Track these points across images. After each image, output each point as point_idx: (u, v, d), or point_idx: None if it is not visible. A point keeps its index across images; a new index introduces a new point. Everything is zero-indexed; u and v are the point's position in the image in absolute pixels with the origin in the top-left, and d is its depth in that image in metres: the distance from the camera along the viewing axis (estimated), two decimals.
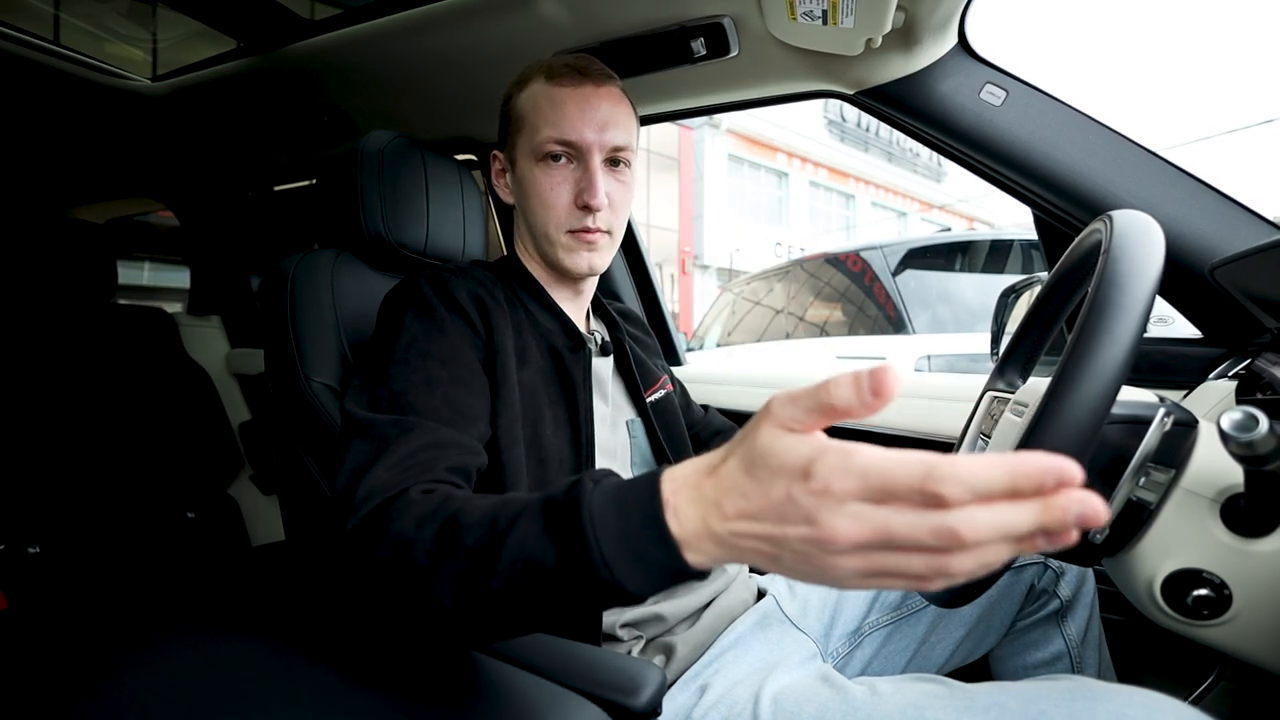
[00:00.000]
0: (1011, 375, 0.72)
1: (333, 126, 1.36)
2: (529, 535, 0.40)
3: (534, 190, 0.73)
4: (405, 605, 0.45)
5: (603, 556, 0.36)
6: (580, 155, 0.71)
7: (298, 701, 0.49)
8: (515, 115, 0.75)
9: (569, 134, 0.70)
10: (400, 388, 0.59)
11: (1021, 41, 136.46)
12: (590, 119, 0.70)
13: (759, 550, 0.33)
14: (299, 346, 0.74)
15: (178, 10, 1.15)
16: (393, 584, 0.45)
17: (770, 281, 3.93)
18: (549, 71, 0.72)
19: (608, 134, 0.71)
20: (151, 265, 4.77)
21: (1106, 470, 0.49)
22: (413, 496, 0.49)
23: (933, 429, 1.12)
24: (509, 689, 0.49)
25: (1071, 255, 0.60)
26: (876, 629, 0.78)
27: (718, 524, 0.34)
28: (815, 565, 0.31)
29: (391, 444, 0.54)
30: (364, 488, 0.51)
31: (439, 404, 0.59)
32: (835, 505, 0.29)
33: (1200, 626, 0.48)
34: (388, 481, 0.51)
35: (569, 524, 0.38)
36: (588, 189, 0.70)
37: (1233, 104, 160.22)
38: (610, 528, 0.37)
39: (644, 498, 0.37)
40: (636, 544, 0.36)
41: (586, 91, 0.71)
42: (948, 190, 20.84)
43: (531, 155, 0.72)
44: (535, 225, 0.75)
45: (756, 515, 0.33)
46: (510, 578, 0.40)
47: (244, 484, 1.83)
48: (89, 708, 0.49)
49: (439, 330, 0.64)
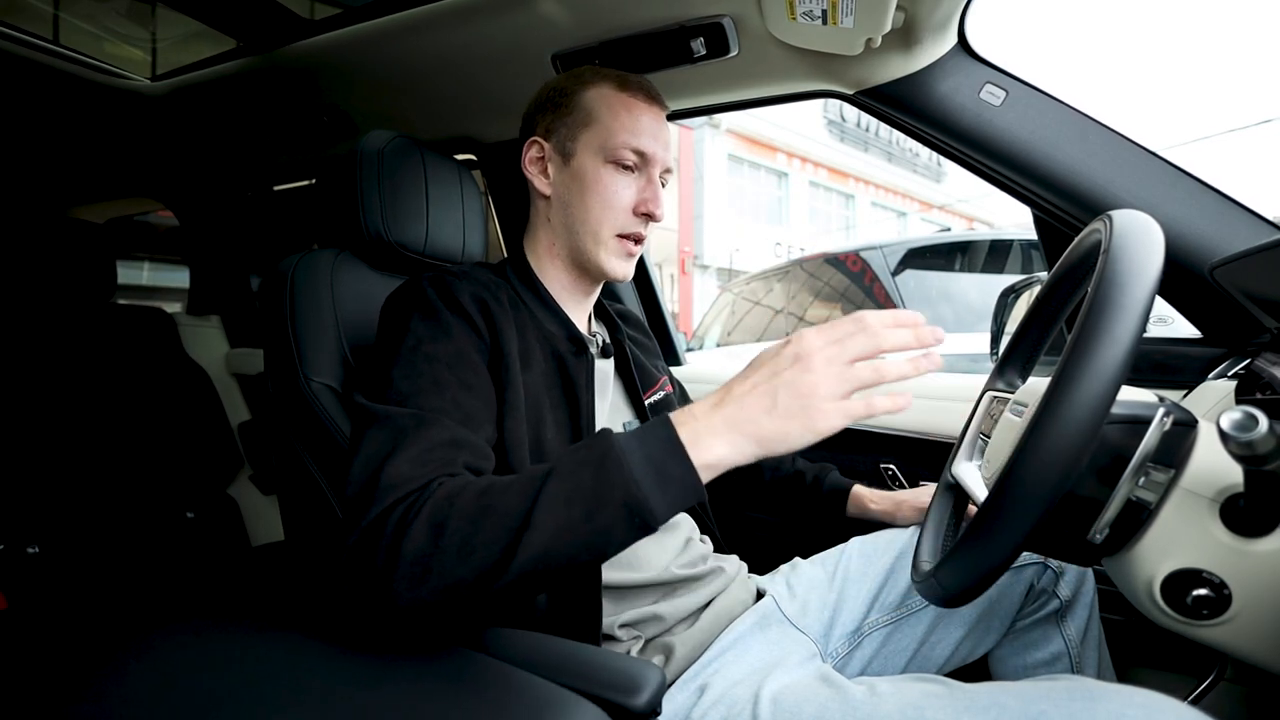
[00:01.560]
0: (1011, 375, 0.72)
1: (332, 126, 1.36)
2: (564, 472, 0.49)
3: (597, 188, 0.74)
4: (439, 581, 0.47)
5: (633, 475, 0.47)
6: (647, 166, 0.75)
7: (298, 701, 0.49)
8: (581, 109, 0.75)
9: (646, 146, 0.74)
10: (408, 390, 0.59)
11: (1022, 41, 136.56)
12: (660, 137, 0.76)
13: (758, 404, 0.48)
14: (298, 346, 0.74)
15: (177, 10, 1.15)
16: (426, 565, 0.47)
17: (770, 281, 3.93)
18: (621, 81, 0.76)
19: (668, 154, 0.77)
20: (151, 265, 4.76)
21: (1106, 470, 0.48)
22: (436, 487, 0.51)
23: (933, 429, 1.12)
24: (509, 689, 0.49)
25: (1071, 255, 0.60)
26: (876, 629, 0.78)
27: (725, 405, 0.49)
28: (803, 393, 0.47)
29: (410, 435, 0.55)
30: (386, 478, 0.52)
31: (447, 406, 0.59)
32: (809, 340, 0.49)
33: (1200, 626, 0.48)
34: (410, 474, 0.52)
35: (603, 455, 0.48)
36: (652, 199, 0.75)
37: (1232, 104, 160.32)
38: (636, 452, 0.48)
39: (661, 429, 0.49)
40: (659, 464, 0.48)
41: (657, 111, 0.77)
42: (947, 190, 20.83)
43: (601, 154, 0.74)
44: (587, 221, 0.75)
45: (754, 379, 0.49)
46: (551, 512, 0.47)
47: (244, 484, 1.83)
48: (89, 708, 0.49)
49: (444, 333, 0.64)
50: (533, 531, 0.46)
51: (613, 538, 0.48)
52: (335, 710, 0.48)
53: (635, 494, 0.47)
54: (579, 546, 0.47)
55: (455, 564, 0.47)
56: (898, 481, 1.16)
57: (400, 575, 0.47)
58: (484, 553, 0.47)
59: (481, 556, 0.47)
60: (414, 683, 0.50)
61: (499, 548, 0.47)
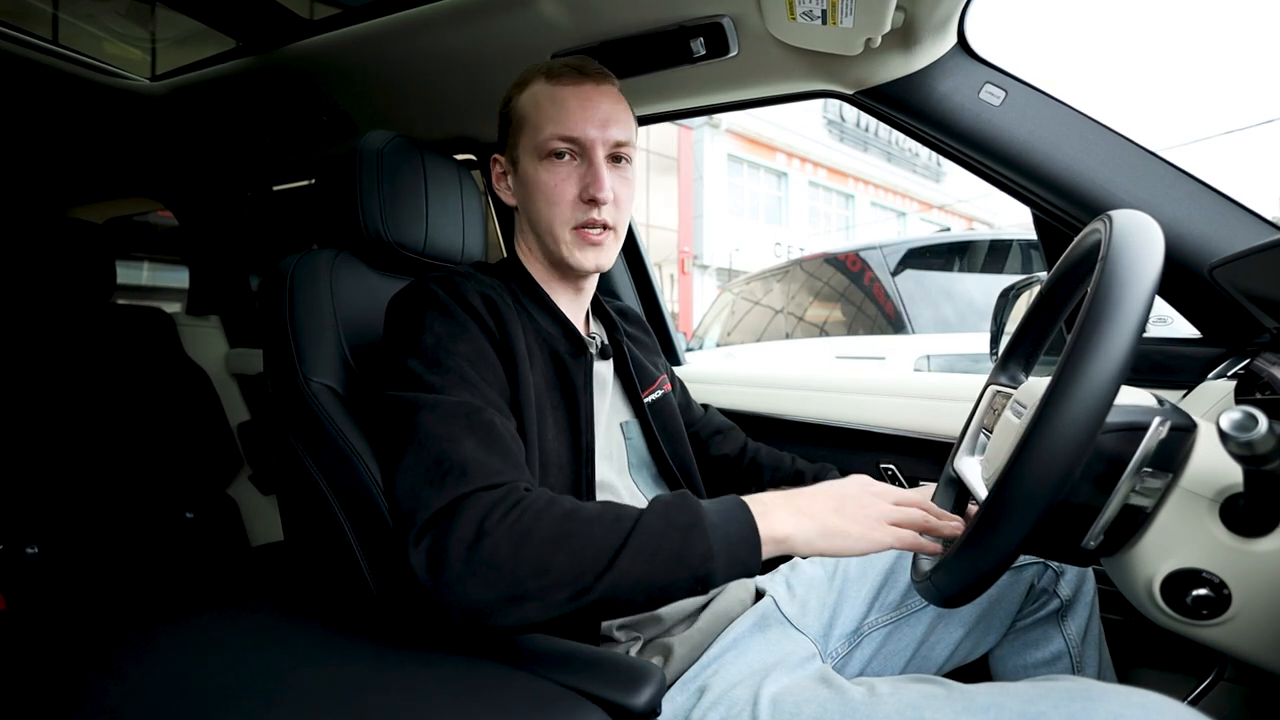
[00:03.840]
0: (1014, 370, 0.72)
1: (332, 126, 1.36)
2: (655, 529, 0.52)
3: (538, 188, 0.73)
4: (508, 590, 0.49)
5: (712, 550, 0.52)
6: (584, 151, 0.72)
7: (298, 701, 0.49)
8: (516, 116, 0.75)
9: (573, 130, 0.70)
10: (439, 384, 0.59)
11: (1022, 41, 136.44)
12: (592, 116, 0.71)
13: (827, 504, 0.57)
14: (298, 346, 0.74)
15: (177, 10, 1.15)
16: (499, 570, 0.49)
17: (770, 281, 3.93)
18: (549, 72, 0.73)
19: (610, 130, 0.72)
20: (150, 265, 4.76)
21: (1102, 476, 0.48)
22: (523, 492, 0.54)
23: (932, 429, 1.12)
24: (509, 689, 0.49)
25: (1071, 255, 0.60)
26: (876, 629, 0.78)
27: (796, 499, 0.58)
28: (865, 506, 0.57)
29: (467, 422, 0.57)
30: (460, 460, 0.54)
31: (479, 402, 0.59)
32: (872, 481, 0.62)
33: (1199, 626, 0.48)
34: (486, 462, 0.54)
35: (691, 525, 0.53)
36: (593, 182, 0.71)
37: (1231, 104, 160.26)
38: (718, 529, 0.53)
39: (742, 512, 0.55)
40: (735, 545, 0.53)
41: (587, 89, 0.72)
42: (947, 190, 20.83)
43: (535, 154, 0.72)
44: (541, 223, 0.75)
45: (823, 490, 0.60)
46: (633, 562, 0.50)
47: (243, 484, 1.83)
48: (89, 708, 0.49)
49: (462, 329, 0.64)
50: (612, 574, 0.50)
51: (674, 596, 0.52)
52: (335, 710, 0.48)
53: (709, 568, 0.52)
54: (644, 595, 0.51)
55: (528, 580, 0.49)
56: (898, 481, 1.16)
57: (472, 571, 0.49)
58: (559, 576, 0.49)
59: (555, 579, 0.49)
60: (414, 682, 0.50)
61: (576, 580, 0.49)
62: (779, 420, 1.30)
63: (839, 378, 1.31)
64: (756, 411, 1.33)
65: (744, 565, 0.54)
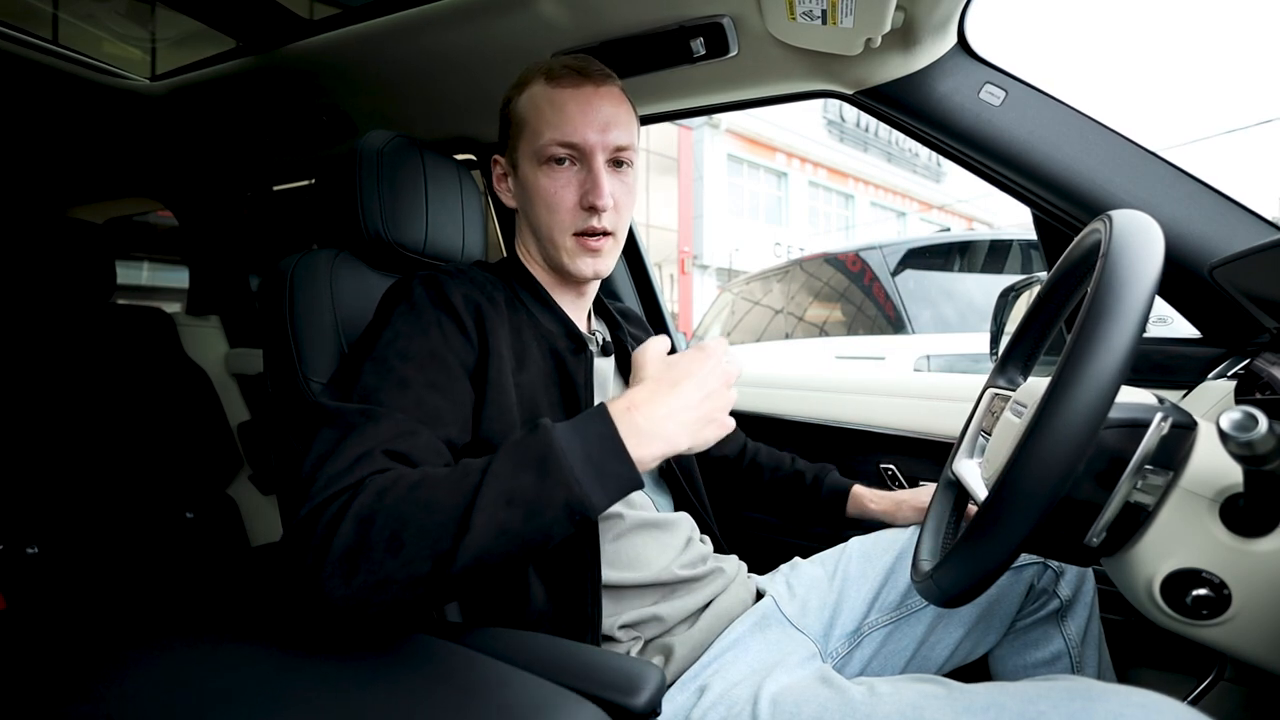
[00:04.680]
0: (1013, 372, 0.72)
1: (332, 126, 1.36)
2: (503, 473, 0.49)
3: (538, 194, 0.72)
4: (368, 577, 0.46)
5: (574, 475, 0.48)
6: (584, 157, 0.71)
7: (297, 702, 0.49)
8: (516, 119, 0.74)
9: (572, 136, 0.70)
10: (374, 385, 0.59)
11: (1021, 41, 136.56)
12: (592, 120, 0.70)
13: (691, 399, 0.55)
14: (298, 346, 0.74)
15: (176, 10, 1.15)
16: (354, 561, 0.46)
17: (769, 281, 3.93)
18: (548, 73, 0.72)
19: (610, 134, 0.71)
20: (150, 265, 4.76)
21: (1104, 474, 0.48)
22: (369, 483, 0.50)
23: (932, 429, 1.12)
24: (508, 689, 0.49)
25: (1071, 255, 0.60)
26: (876, 629, 0.78)
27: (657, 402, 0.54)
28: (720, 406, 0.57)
29: (356, 432, 0.54)
30: (323, 475, 0.51)
31: (410, 405, 0.58)
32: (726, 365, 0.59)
33: (1199, 626, 0.48)
34: (345, 470, 0.51)
35: (542, 456, 0.49)
36: (593, 190, 0.70)
37: (1231, 104, 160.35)
38: (576, 450, 0.50)
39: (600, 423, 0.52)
40: (600, 463, 0.50)
41: (587, 92, 0.71)
42: (947, 190, 20.83)
43: (534, 158, 0.72)
44: (540, 229, 0.74)
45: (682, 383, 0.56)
46: (490, 514, 0.47)
47: (243, 484, 1.83)
48: (88, 708, 0.49)
49: (422, 331, 0.63)
50: (470, 534, 0.46)
51: (553, 535, 0.49)
52: (333, 710, 0.48)
53: (577, 493, 0.48)
54: (517, 545, 0.48)
55: (384, 559, 0.46)
56: (897, 481, 1.16)
57: (329, 571, 0.46)
58: (415, 549, 0.46)
59: (412, 553, 0.46)
60: (413, 683, 0.50)
61: (433, 547, 0.46)
62: (779, 420, 1.30)
63: (839, 378, 1.31)
64: (756, 411, 1.33)
65: (619, 479, 0.50)
